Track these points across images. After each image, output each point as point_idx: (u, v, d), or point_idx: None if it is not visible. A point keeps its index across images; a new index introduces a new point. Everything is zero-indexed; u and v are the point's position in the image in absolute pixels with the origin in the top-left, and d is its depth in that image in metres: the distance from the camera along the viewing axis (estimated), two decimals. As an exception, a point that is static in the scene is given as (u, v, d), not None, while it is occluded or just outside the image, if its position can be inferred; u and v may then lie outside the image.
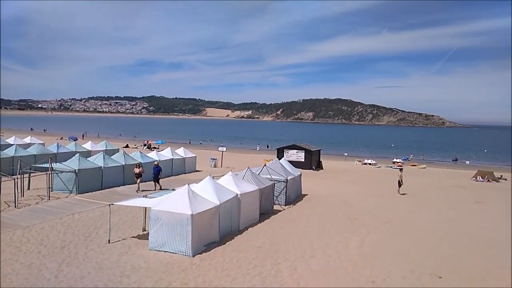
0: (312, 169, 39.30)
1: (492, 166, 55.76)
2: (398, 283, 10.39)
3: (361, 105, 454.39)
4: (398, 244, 14.12)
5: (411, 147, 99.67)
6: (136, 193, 20.77)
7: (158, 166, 23.07)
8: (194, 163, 32.92)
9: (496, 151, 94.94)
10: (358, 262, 11.94)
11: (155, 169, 22.85)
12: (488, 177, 37.62)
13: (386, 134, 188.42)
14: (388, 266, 11.59)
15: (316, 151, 42.17)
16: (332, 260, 12.06)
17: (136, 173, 22.21)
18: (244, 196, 15.25)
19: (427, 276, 10.98)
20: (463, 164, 60.38)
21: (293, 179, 21.65)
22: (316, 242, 13.90)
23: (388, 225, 16.96)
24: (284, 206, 19.87)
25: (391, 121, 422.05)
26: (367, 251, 13.09)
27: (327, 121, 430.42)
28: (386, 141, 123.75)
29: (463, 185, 33.10)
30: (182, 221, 11.74)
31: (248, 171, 17.97)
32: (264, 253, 12.38)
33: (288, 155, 39.32)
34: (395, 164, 52.71)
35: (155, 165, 23.28)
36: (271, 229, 15.41)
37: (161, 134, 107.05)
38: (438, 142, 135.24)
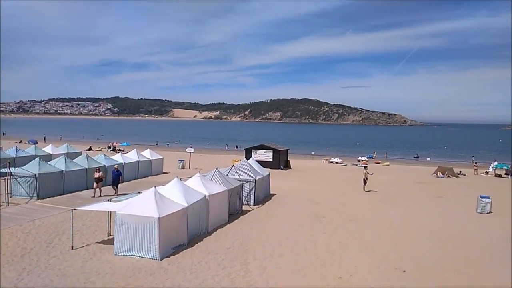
0: (280, 168, 39.63)
1: (452, 162, 58.29)
2: (364, 278, 10.68)
3: (327, 105, 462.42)
4: (364, 240, 14.50)
5: (375, 145, 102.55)
6: (97, 198, 19.94)
7: (118, 170, 22.33)
8: (161, 165, 32.39)
9: (455, 148, 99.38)
10: (326, 259, 12.16)
11: (114, 173, 22.10)
12: (448, 173, 39.30)
13: (351, 133, 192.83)
14: (354, 262, 11.88)
15: (284, 150, 42.56)
16: (301, 258, 12.22)
17: (96, 178, 21.19)
18: (212, 197, 15.16)
19: (391, 270, 11.34)
20: (424, 161, 62.78)
21: (261, 179, 21.75)
22: (285, 240, 14.03)
23: (354, 222, 17.38)
24: (253, 206, 19.93)
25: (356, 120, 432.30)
26: (334, 247, 13.36)
27: (294, 121, 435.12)
28: (351, 140, 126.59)
29: (425, 181, 34.41)
30: (149, 224, 11.53)
31: (216, 172, 17.90)
32: (233, 254, 12.37)
33: (257, 155, 39.44)
34: (360, 162, 54.00)
35: (115, 169, 22.54)
36: (240, 229, 15.42)
37: (127, 136, 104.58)
38: (400, 140, 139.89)
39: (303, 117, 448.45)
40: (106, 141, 76.58)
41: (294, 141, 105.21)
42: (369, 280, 10.54)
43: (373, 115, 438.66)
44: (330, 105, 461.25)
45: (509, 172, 41.40)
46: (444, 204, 22.93)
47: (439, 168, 40.71)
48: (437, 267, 11.82)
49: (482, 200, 20.46)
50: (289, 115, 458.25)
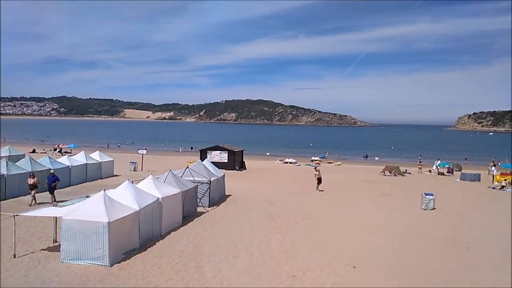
0: (236, 169, 39.67)
1: (398, 161, 61.25)
2: (316, 275, 10.95)
3: (281, 106, 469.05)
4: (316, 237, 14.87)
5: (328, 145, 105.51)
6: (30, 206, 18.38)
7: (54, 176, 20.37)
8: (111, 167, 31.29)
9: (401, 147, 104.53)
10: (280, 258, 12.33)
11: (50, 179, 20.12)
12: (395, 172, 41.26)
13: (305, 134, 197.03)
14: (307, 260, 12.15)
15: (239, 151, 42.65)
16: (255, 258, 12.30)
17: (30, 184, 19.45)
18: (165, 199, 14.87)
19: (342, 266, 11.72)
20: (373, 160, 65.54)
21: (216, 180, 21.65)
22: (240, 241, 14.06)
23: (307, 220, 17.77)
24: (208, 207, 19.78)
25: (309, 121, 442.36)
26: (288, 247, 13.58)
27: (249, 121, 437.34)
28: (305, 141, 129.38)
29: (373, 180, 35.89)
30: (98, 229, 11.08)
31: (170, 174, 17.58)
32: (187, 257, 12.20)
33: (211, 156, 39.21)
34: (313, 162, 55.33)
35: (50, 174, 20.63)
36: (195, 231, 15.25)
37: (74, 138, 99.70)
38: (351, 140, 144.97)
39: (258, 118, 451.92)
40: (51, 143, 72.66)
41: (249, 142, 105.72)
42: (321, 277, 10.82)
43: (326, 116, 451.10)
44: (285, 106, 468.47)
45: (451, 170, 44.24)
46: (391, 202, 24.05)
47: (387, 167, 42.64)
48: (385, 261, 12.36)
49: (426, 197, 21.66)
50: (244, 116, 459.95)
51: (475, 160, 67.13)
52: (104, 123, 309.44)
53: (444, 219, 19.11)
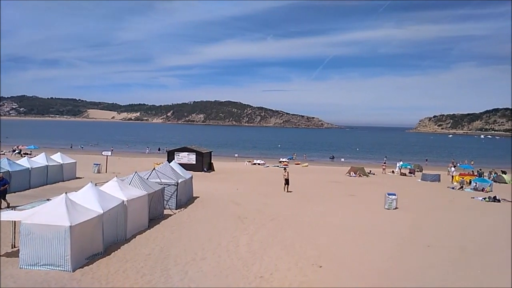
0: (204, 171, 39.37)
1: (362, 162, 62.83)
2: (284, 275, 11.05)
3: (250, 107, 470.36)
4: (284, 238, 15.00)
5: (295, 147, 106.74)
6: None
7: (3, 179, 18.86)
8: (73, 169, 30.24)
9: (366, 149, 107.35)
10: (248, 259, 12.35)
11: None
12: (360, 172, 42.33)
13: (273, 135, 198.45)
14: (274, 260, 12.24)
15: (207, 153, 42.38)
16: (223, 259, 12.26)
17: None
18: (131, 202, 14.54)
19: (309, 266, 11.89)
20: (339, 161, 66.83)
21: (184, 182, 21.40)
22: (207, 243, 13.97)
23: (275, 221, 17.90)
24: (175, 210, 19.52)
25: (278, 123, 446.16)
26: (256, 247, 13.62)
27: (218, 123, 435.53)
28: (273, 142, 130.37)
29: (339, 180, 36.66)
30: (59, 233, 10.68)
31: (135, 176, 17.19)
32: (153, 260, 11.98)
33: (179, 157, 38.74)
34: (282, 163, 55.84)
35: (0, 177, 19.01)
36: (161, 234, 15.00)
37: (34, 138, 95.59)
38: (318, 142, 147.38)
39: (226, 120, 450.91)
40: (10, 144, 69.30)
41: (217, 143, 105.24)
42: (288, 277, 10.93)
43: (293, 118, 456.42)
44: (253, 107, 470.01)
45: (413, 171, 45.89)
46: (356, 202, 24.65)
47: (352, 168, 43.69)
48: (351, 260, 12.65)
49: (389, 197, 22.36)
50: (212, 117, 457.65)
51: (435, 161, 70.03)
52: (67, 123, 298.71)
53: (406, 218, 19.79)
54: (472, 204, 25.40)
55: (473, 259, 13.12)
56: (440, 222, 19.14)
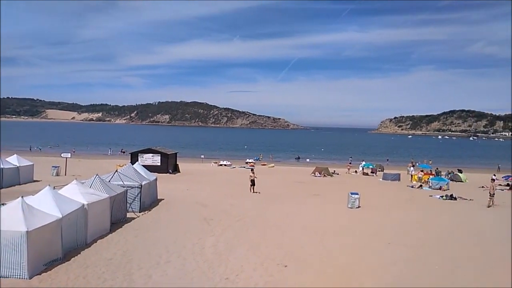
0: (169, 172, 38.78)
1: (327, 163, 64.08)
2: (249, 276, 11.06)
3: (216, 108, 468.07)
4: (250, 239, 15.02)
5: (262, 148, 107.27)
6: None
7: None
8: (31, 172, 28.93)
9: (330, 150, 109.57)
10: (214, 261, 12.27)
11: None
12: (324, 173, 43.15)
13: (239, 136, 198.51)
14: (240, 262, 12.23)
15: (172, 154, 41.77)
16: (188, 262, 12.11)
17: None
18: (91, 206, 14.06)
19: (274, 266, 11.97)
20: (304, 162, 67.91)
21: (148, 184, 20.97)
22: (172, 246, 13.74)
23: (241, 222, 17.89)
24: (139, 213, 19.08)
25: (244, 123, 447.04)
26: (221, 249, 13.55)
27: (184, 124, 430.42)
28: (239, 143, 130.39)
29: (304, 181, 37.19)
30: (15, 239, 10.17)
31: (96, 179, 16.66)
32: (115, 265, 11.64)
33: (143, 159, 37.96)
34: (248, 164, 55.94)
35: None
36: (124, 238, 14.61)
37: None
38: (284, 142, 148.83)
39: (192, 120, 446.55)
40: (-40, 146, 65.19)
41: (183, 145, 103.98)
42: (254, 278, 10.95)
43: (260, 119, 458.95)
44: (219, 108, 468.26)
45: (375, 170, 47.27)
46: (320, 201, 25.10)
47: (317, 168, 44.46)
48: (315, 259, 12.85)
49: (352, 196, 22.91)
50: (178, 118, 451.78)
51: (395, 161, 72.49)
52: (24, 124, 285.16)
53: (368, 216, 20.35)
54: (430, 202, 26.49)
55: (431, 255, 13.67)
56: (400, 220, 19.82)
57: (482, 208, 24.29)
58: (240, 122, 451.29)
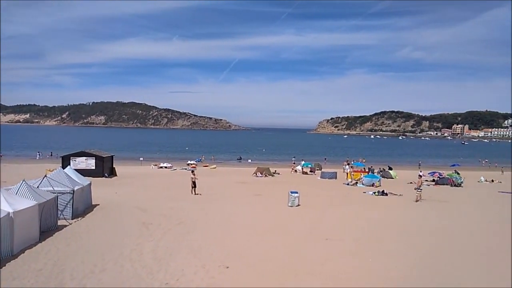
0: (105, 176, 37.05)
1: (268, 163, 65.16)
2: (190, 280, 10.90)
3: (156, 109, 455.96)
4: (191, 242, 14.80)
5: (203, 149, 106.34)
6: None
7: None
8: None
9: (271, 150, 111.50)
10: (153, 266, 11.92)
11: None
12: (266, 173, 43.81)
13: (181, 138, 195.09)
14: (181, 266, 12.01)
15: (108, 157, 39.92)
16: (126, 269, 11.65)
17: None
18: (18, 214, 13.01)
19: (216, 268, 11.91)
20: (246, 163, 68.49)
21: (81, 189, 19.86)
22: (108, 253, 13.14)
23: (182, 225, 17.58)
24: (71, 220, 18.00)
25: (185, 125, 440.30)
26: (161, 254, 13.21)
27: (121, 125, 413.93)
28: (181, 144, 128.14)
29: (246, 181, 37.48)
30: None
31: (23, 184, 15.43)
32: (45, 276, 10.88)
33: (76, 163, 35.91)
34: (189, 166, 55.17)
35: None
36: (55, 247, 13.70)
37: None
38: (226, 143, 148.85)
39: (130, 122, 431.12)
40: None
41: (120, 147, 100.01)
42: (195, 281, 10.81)
43: (201, 120, 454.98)
44: (159, 109, 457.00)
45: (313, 169, 48.89)
46: (261, 201, 25.44)
47: (258, 169, 45.03)
48: (257, 258, 12.98)
49: (292, 195, 23.50)
50: (115, 119, 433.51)
51: (333, 160, 75.59)
52: None
53: (307, 214, 21.00)
54: (364, 198, 27.98)
55: (365, 249, 14.43)
56: (337, 216, 20.69)
57: (410, 202, 26.13)
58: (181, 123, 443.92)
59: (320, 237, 15.99)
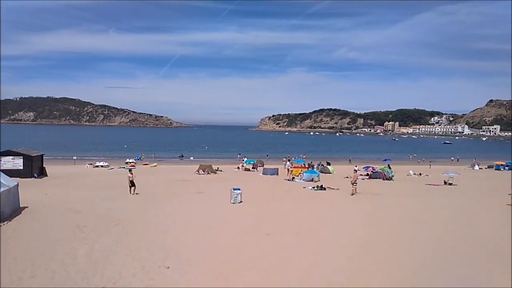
0: (34, 177, 34.59)
1: (211, 160, 64.87)
2: (128, 282, 10.52)
3: (91, 105, 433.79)
4: (129, 243, 14.29)
5: (143, 147, 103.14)
6: None
7: None
8: None
9: (214, 147, 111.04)
10: (88, 270, 11.34)
11: None
12: (208, 170, 43.56)
13: (118, 135, 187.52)
14: (118, 268, 11.55)
15: (37, 156, 37.28)
16: (58, 275, 10.97)
17: None
18: None
19: (156, 269, 11.62)
20: (189, 160, 67.65)
21: (7, 190, 18.31)
22: (39, 258, 12.28)
23: (120, 226, 16.90)
24: (-5, 224, 16.56)
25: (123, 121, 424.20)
26: (97, 257, 12.60)
27: (52, 122, 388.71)
28: (119, 142, 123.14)
29: (188, 179, 36.99)
30: None
31: None
32: (-37, 288, 9.93)
33: (2, 163, 33.16)
34: (128, 164, 53.28)
35: None
36: (-24, 255, 12.53)
37: None
38: (167, 141, 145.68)
39: (62, 118, 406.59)
40: None
41: (52, 145, 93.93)
42: (133, 283, 10.46)
43: (141, 116, 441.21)
44: (95, 105, 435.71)
45: (255, 166, 49.48)
46: (204, 198, 25.26)
47: (201, 166, 44.66)
48: (199, 257, 12.85)
49: (234, 192, 23.58)
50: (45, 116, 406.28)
51: (274, 157, 77.06)
52: None
53: (249, 210, 21.20)
54: (304, 193, 28.87)
55: (305, 242, 14.89)
56: (278, 211, 21.13)
57: (347, 196, 27.40)
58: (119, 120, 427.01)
59: (262, 233, 16.22)
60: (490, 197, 28.12)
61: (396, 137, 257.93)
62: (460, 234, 16.51)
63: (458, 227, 17.81)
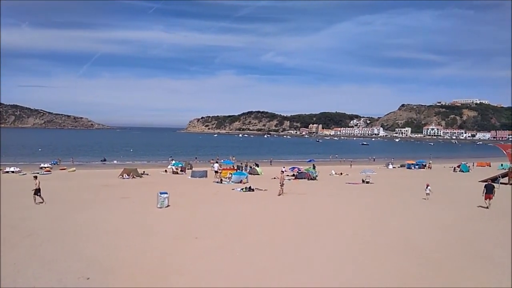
0: None
1: (137, 163, 62.46)
2: (43, 297, 9.72)
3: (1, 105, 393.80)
4: (45, 254, 13.16)
5: (61, 150, 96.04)
6: None
7: None
8: None
9: (139, 150, 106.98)
10: (-6, 288, 10.24)
11: None
12: (133, 174, 41.88)
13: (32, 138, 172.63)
14: (32, 282, 10.55)
15: None
16: (-43, 295, 9.75)
17: None
18: None
19: (75, 280, 10.85)
20: (112, 164, 64.38)
21: None
22: None
23: (33, 237, 15.51)
24: None
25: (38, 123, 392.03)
26: (6, 272, 11.36)
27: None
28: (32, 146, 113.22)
29: (111, 184, 35.21)
30: None
31: None
32: None
33: None
34: (44, 169, 49.29)
35: None
36: None
37: None
38: (87, 144, 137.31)
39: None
40: None
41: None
42: (49, 298, 9.67)
43: (58, 118, 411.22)
44: (5, 105, 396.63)
45: (184, 169, 48.67)
46: (129, 204, 24.21)
47: (125, 170, 42.76)
48: (122, 264, 12.25)
49: (161, 196, 22.90)
50: None
51: (203, 159, 76.51)
52: None
53: (177, 214, 20.76)
54: (233, 195, 29.02)
55: (233, 244, 14.95)
56: (207, 214, 20.96)
57: (274, 196, 28.08)
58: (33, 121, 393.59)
59: (190, 236, 15.97)
60: (405, 193, 30.74)
61: (320, 139, 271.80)
62: (377, 229, 17.80)
63: (375, 223, 19.18)
